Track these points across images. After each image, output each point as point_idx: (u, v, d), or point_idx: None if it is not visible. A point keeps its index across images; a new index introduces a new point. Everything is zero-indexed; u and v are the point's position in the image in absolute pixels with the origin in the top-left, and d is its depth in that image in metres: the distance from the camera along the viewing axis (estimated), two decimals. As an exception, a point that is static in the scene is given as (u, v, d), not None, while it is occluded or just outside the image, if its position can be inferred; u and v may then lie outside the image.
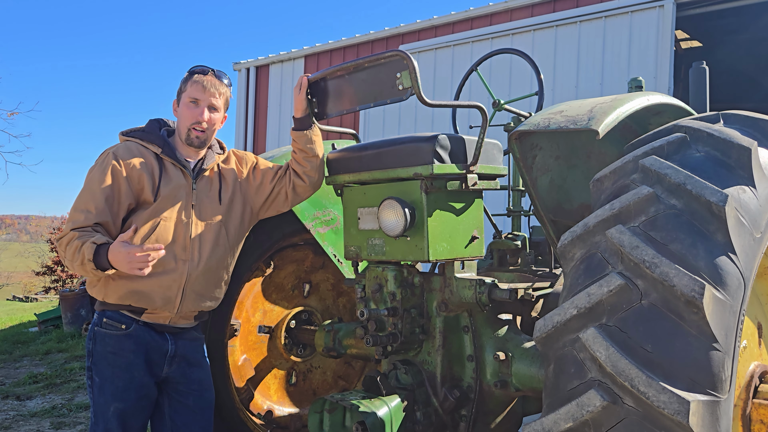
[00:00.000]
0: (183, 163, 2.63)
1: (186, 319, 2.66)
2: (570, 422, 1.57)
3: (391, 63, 2.31)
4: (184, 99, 2.63)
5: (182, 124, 2.65)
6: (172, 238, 2.54)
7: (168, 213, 2.55)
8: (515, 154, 2.40)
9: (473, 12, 9.03)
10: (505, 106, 3.44)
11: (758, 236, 1.77)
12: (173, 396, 2.69)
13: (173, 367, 2.66)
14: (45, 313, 11.07)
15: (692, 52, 9.89)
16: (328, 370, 3.67)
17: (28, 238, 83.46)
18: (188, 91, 2.62)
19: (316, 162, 2.74)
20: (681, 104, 2.53)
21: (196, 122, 2.61)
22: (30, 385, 6.65)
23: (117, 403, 2.53)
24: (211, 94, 2.62)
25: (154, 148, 2.61)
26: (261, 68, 11.71)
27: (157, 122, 2.76)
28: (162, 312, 2.57)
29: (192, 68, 2.68)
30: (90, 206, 2.48)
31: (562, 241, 1.89)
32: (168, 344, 2.63)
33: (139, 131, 2.69)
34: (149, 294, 2.52)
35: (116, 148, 2.59)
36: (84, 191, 2.52)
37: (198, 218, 2.61)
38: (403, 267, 2.59)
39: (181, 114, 2.65)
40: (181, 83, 2.68)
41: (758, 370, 2.13)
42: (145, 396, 2.60)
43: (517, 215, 3.57)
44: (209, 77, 2.63)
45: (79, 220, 2.46)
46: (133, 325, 2.55)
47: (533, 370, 2.42)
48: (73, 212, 2.51)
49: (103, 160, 2.55)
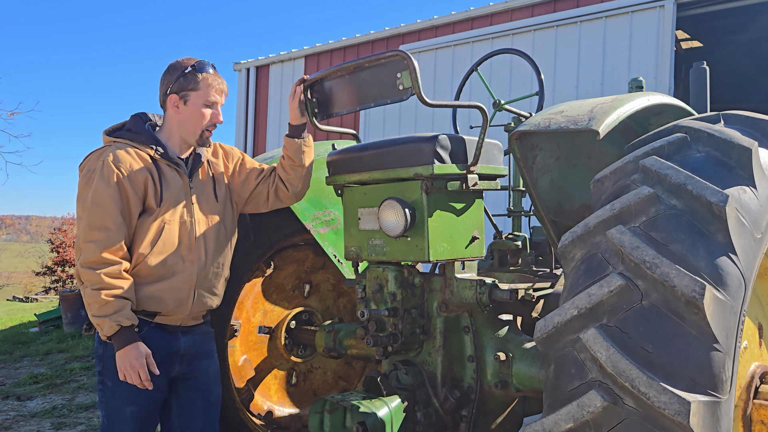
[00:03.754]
0: (177, 162, 2.58)
1: (196, 319, 2.67)
2: (570, 423, 1.57)
3: (392, 63, 2.31)
4: (196, 100, 2.54)
5: (195, 124, 2.56)
6: (177, 240, 2.52)
7: (170, 215, 2.52)
8: (516, 154, 2.39)
9: (473, 12, 9.03)
10: (506, 106, 3.44)
11: (759, 237, 1.77)
12: (181, 393, 2.68)
13: (184, 365, 2.65)
14: (45, 314, 11.07)
15: (692, 52, 9.89)
16: (329, 370, 3.67)
17: (28, 239, 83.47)
18: (203, 93, 2.54)
19: (301, 172, 2.72)
20: (681, 104, 2.53)
21: (213, 124, 2.60)
22: (30, 386, 6.65)
23: (132, 407, 2.50)
24: (225, 95, 2.63)
25: (148, 150, 2.51)
26: (261, 68, 11.71)
27: (140, 118, 2.63)
28: (175, 314, 2.56)
29: (197, 65, 2.56)
30: (107, 223, 2.38)
31: (563, 241, 1.89)
32: (180, 342, 2.61)
33: (126, 131, 2.56)
34: (162, 298, 2.50)
35: (110, 155, 2.44)
36: (93, 207, 2.39)
37: (198, 217, 2.60)
38: (404, 267, 2.59)
39: (193, 115, 2.55)
40: (181, 79, 2.53)
41: (759, 371, 2.13)
42: (159, 398, 2.59)
43: (517, 215, 3.57)
44: (219, 77, 2.60)
45: (101, 239, 2.36)
46: (145, 327, 2.50)
47: (534, 371, 2.41)
48: (90, 232, 2.38)
49: (102, 169, 2.41)
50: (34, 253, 28.66)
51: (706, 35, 9.37)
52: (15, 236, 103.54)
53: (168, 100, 2.57)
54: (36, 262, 25.82)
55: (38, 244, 33.01)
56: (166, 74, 2.58)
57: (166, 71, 2.59)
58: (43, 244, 27.27)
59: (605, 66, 7.85)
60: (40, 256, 25.94)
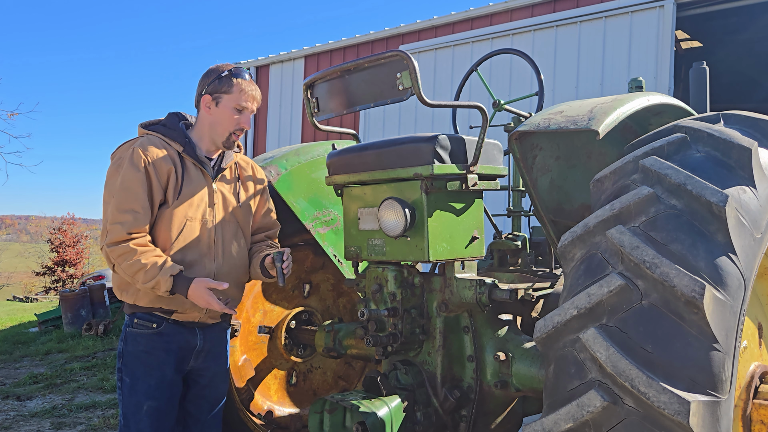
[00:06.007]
0: (203, 162, 2.63)
1: (214, 318, 2.70)
2: (570, 422, 1.57)
3: (392, 63, 2.31)
4: (227, 103, 2.60)
5: (223, 127, 2.63)
6: (197, 239, 2.57)
7: (192, 213, 2.57)
8: (515, 154, 2.39)
9: (473, 12, 9.03)
10: (506, 106, 3.44)
11: (758, 236, 1.77)
12: (192, 388, 2.73)
13: (199, 361, 2.69)
14: (45, 314, 11.08)
15: (692, 52, 9.89)
16: (329, 370, 3.67)
17: (28, 239, 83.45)
18: (235, 97, 2.59)
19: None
20: (681, 104, 2.53)
21: (240, 128, 2.64)
22: (30, 386, 6.65)
23: (150, 402, 2.54)
24: (258, 102, 2.68)
25: (176, 145, 2.59)
26: (261, 68, 11.72)
27: (176, 116, 2.73)
28: (192, 312, 2.60)
29: (234, 70, 2.63)
30: (136, 206, 2.44)
31: (563, 241, 1.89)
32: (197, 339, 2.66)
33: (161, 126, 2.66)
34: (179, 296, 2.53)
35: (140, 143, 2.53)
36: (122, 191, 2.45)
37: (219, 217, 2.65)
38: (404, 267, 2.59)
39: (223, 117, 2.61)
40: (216, 81, 2.60)
41: (758, 371, 2.13)
42: (176, 394, 2.64)
43: (517, 215, 3.57)
44: (254, 85, 2.66)
45: (129, 221, 2.42)
46: (164, 323, 2.57)
47: (533, 371, 2.42)
48: (117, 214, 2.43)
49: (132, 156, 2.48)
50: (34, 253, 28.67)
51: (706, 35, 9.37)
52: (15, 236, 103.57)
53: (202, 101, 2.64)
54: (36, 262, 25.83)
55: (38, 244, 33.01)
56: (204, 76, 2.68)
57: (205, 74, 2.69)
58: (43, 244, 27.28)
59: (605, 66, 7.85)
60: (40, 256, 25.95)
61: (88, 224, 37.06)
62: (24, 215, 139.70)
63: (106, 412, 5.57)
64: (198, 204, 2.59)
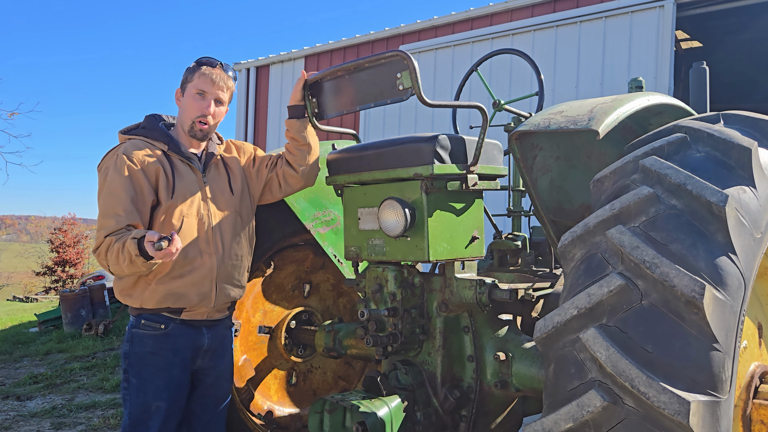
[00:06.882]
0: (189, 157, 2.64)
1: (221, 311, 2.71)
2: (570, 422, 1.57)
3: (392, 63, 2.31)
4: (190, 90, 2.61)
5: (186, 115, 2.63)
6: (195, 234, 2.57)
7: (187, 209, 2.57)
8: (515, 154, 2.39)
9: (473, 12, 9.03)
10: (506, 106, 3.44)
11: (758, 236, 1.77)
12: (197, 388, 2.73)
13: (206, 360, 2.70)
14: (45, 314, 11.08)
15: (692, 52, 9.89)
16: (329, 370, 3.67)
17: (28, 239, 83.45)
18: (195, 82, 2.60)
19: (306, 151, 2.74)
20: (681, 104, 2.53)
21: (202, 115, 2.61)
22: (30, 386, 6.65)
23: (158, 402, 2.55)
24: (219, 88, 2.63)
25: (160, 145, 2.60)
26: (261, 68, 11.72)
27: (154, 117, 2.73)
28: (199, 308, 2.60)
29: (200, 59, 2.65)
30: (118, 210, 2.43)
31: (563, 241, 1.89)
32: (204, 338, 2.66)
33: (141, 129, 2.66)
34: (185, 293, 2.54)
35: (123, 149, 2.54)
36: (106, 197, 2.47)
37: (214, 210, 2.65)
38: (404, 267, 2.59)
39: (186, 105, 2.63)
40: (187, 73, 2.64)
41: (758, 371, 2.13)
42: (183, 394, 2.64)
43: (517, 215, 3.57)
44: (218, 70, 2.63)
45: (111, 226, 2.42)
46: (171, 324, 2.57)
47: (533, 371, 2.42)
48: (102, 219, 2.45)
49: (116, 162, 2.50)
50: (34, 253, 28.68)
51: (706, 35, 9.37)
52: (15, 236, 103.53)
53: (176, 96, 2.68)
54: (36, 262, 25.85)
55: (38, 244, 33.02)
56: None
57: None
58: (43, 244, 27.30)
59: (605, 66, 7.85)
60: (40, 256, 25.97)
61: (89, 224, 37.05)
62: (24, 215, 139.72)
63: (106, 412, 5.57)
64: (192, 200, 2.59)
